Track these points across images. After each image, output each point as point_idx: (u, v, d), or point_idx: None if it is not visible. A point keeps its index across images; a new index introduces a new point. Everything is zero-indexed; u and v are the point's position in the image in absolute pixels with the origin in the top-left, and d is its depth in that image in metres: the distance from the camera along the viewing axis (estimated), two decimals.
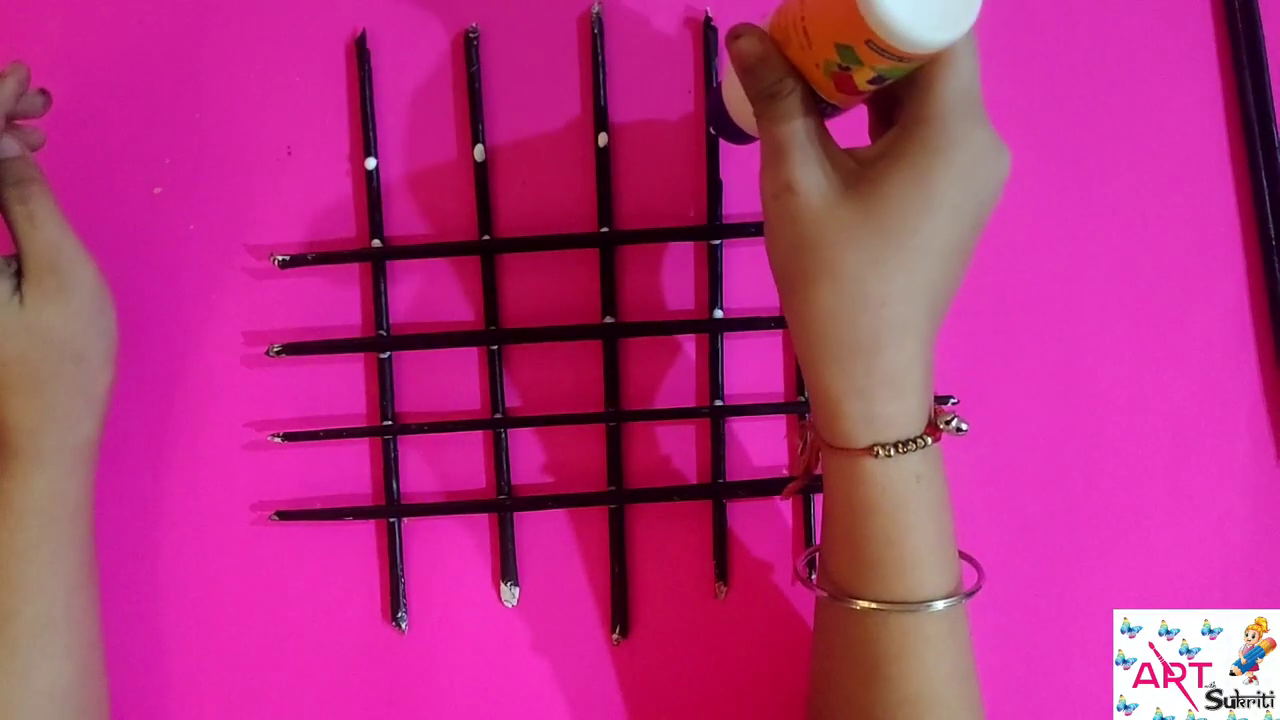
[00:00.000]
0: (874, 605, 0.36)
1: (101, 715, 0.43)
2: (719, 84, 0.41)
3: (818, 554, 0.40)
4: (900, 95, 0.34)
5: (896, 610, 0.36)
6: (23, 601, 0.40)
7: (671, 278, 0.48)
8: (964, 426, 0.36)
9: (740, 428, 0.48)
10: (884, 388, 0.34)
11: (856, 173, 0.34)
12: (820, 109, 0.35)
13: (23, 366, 0.40)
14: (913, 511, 0.36)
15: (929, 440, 0.35)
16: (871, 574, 0.36)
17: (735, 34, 0.34)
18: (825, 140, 0.35)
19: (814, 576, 0.40)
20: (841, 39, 0.31)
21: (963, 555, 0.38)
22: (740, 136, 0.41)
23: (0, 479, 0.40)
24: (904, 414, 0.35)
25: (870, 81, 0.32)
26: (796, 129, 0.34)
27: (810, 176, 0.34)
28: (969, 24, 0.30)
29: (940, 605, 0.36)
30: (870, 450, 0.35)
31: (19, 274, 0.40)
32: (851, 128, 0.37)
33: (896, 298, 0.33)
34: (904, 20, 0.29)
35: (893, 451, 0.35)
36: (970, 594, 0.37)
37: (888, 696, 0.37)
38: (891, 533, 0.36)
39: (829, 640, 0.39)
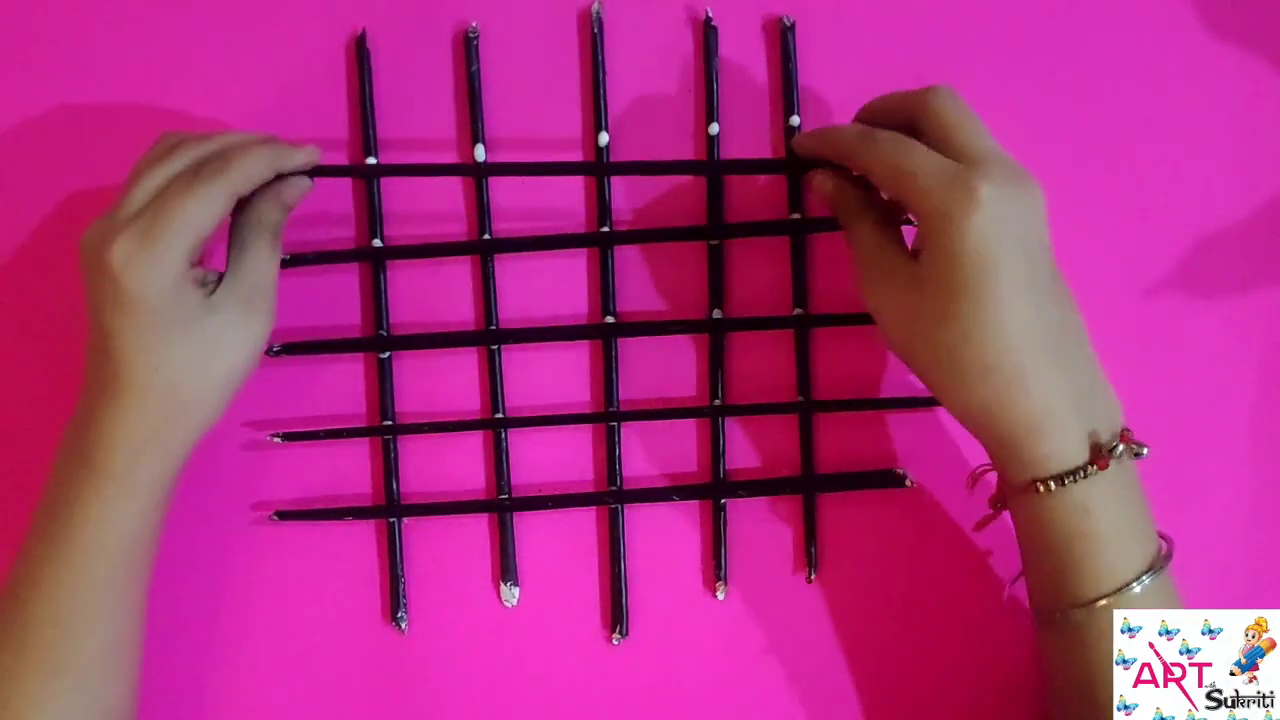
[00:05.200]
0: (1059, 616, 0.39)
1: None
2: None
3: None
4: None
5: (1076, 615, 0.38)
6: (95, 625, 0.40)
7: (671, 278, 0.48)
8: (1141, 451, 0.38)
9: (740, 428, 0.48)
10: (1028, 435, 0.37)
11: (917, 273, 0.37)
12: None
13: (178, 375, 0.39)
14: (1082, 542, 0.37)
15: (1094, 469, 0.37)
16: (1057, 597, 0.39)
17: None
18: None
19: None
20: None
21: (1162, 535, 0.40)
22: None
23: (90, 502, 0.39)
24: (1058, 452, 0.37)
25: None
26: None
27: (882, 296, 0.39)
28: None
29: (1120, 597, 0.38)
30: (1033, 486, 0.37)
31: (214, 289, 0.40)
32: None
33: (997, 358, 0.36)
34: None
35: (1053, 485, 0.37)
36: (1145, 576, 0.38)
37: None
38: (1067, 562, 0.38)
39: (1049, 669, 0.42)
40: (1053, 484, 0.37)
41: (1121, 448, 0.37)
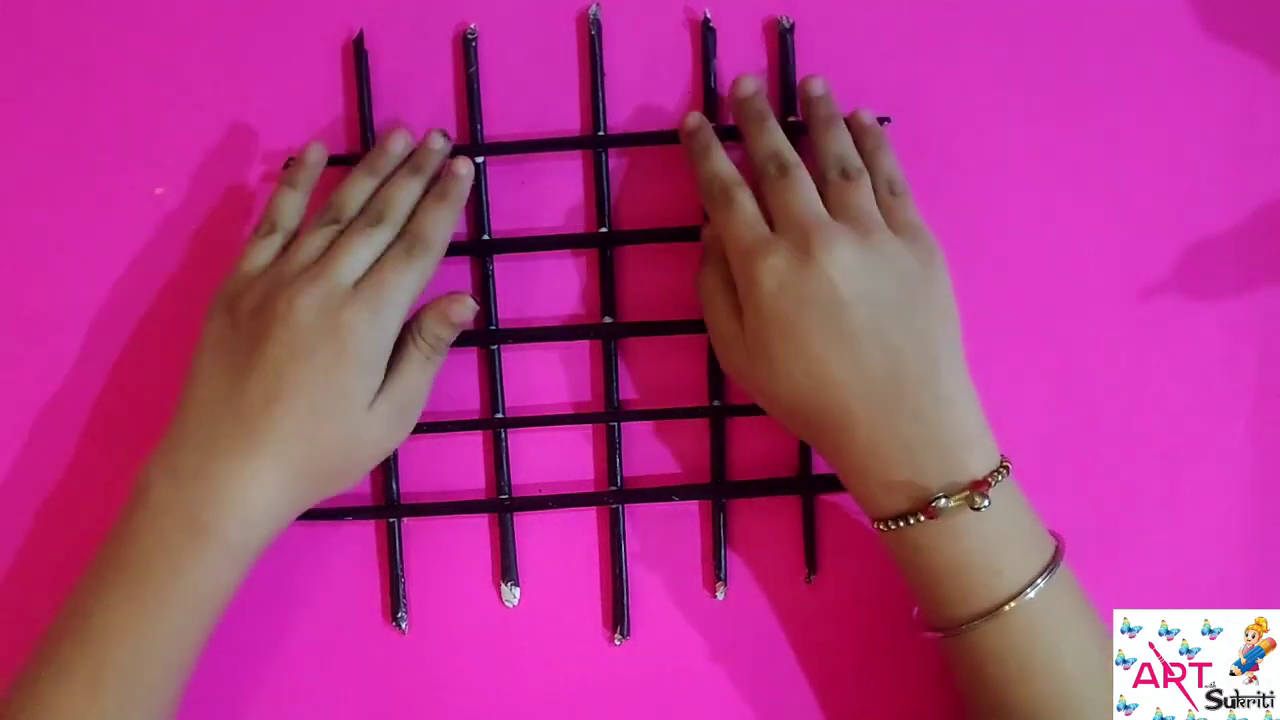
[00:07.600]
0: (940, 633, 0.40)
1: None
2: None
3: None
4: None
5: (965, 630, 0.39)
6: (170, 680, 0.40)
7: (671, 278, 0.48)
8: (979, 505, 0.37)
9: (740, 428, 0.48)
10: (851, 476, 0.40)
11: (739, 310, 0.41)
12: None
13: (320, 461, 0.40)
14: (922, 573, 0.39)
15: (920, 519, 0.38)
16: (932, 615, 0.41)
17: None
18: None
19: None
20: None
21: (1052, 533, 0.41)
22: None
23: (189, 559, 0.39)
24: (883, 494, 0.39)
25: None
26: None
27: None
28: None
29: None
30: (874, 524, 0.40)
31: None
32: None
33: (805, 401, 0.39)
34: None
35: (888, 526, 0.39)
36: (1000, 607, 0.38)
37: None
38: (919, 588, 0.40)
39: (957, 679, 0.43)
40: (881, 526, 0.39)
41: (949, 502, 0.37)
